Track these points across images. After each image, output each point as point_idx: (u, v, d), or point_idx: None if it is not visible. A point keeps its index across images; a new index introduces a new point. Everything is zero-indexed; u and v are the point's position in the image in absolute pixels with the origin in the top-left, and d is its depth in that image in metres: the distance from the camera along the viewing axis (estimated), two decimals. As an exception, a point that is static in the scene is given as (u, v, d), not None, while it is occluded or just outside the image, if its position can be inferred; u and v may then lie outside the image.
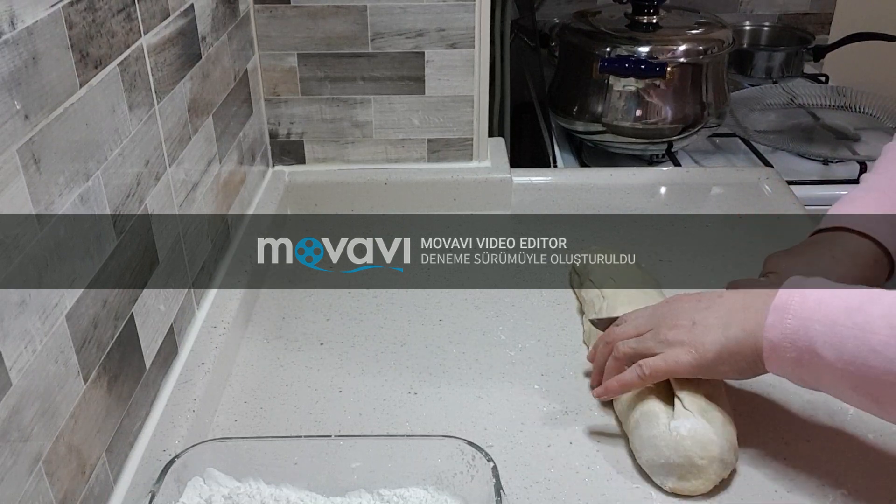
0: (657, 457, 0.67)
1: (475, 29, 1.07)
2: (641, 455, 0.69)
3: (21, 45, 0.50)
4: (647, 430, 0.69)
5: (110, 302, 0.63)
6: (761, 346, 0.64)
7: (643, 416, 0.70)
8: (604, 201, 1.16)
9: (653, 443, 0.68)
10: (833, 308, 0.61)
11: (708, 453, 0.66)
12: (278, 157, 1.15)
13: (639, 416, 0.70)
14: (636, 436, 0.70)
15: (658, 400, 0.70)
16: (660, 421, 0.68)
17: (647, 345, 0.71)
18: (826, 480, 0.69)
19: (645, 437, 0.69)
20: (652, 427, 0.68)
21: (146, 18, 0.69)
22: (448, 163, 1.15)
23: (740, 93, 1.64)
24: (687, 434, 0.66)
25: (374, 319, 0.92)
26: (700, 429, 0.67)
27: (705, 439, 0.66)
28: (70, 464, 0.57)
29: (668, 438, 0.67)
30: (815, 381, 0.64)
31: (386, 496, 0.63)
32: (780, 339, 0.63)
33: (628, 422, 0.72)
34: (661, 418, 0.68)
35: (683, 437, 0.66)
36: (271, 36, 1.07)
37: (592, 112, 1.36)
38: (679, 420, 0.68)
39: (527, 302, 0.95)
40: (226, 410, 0.78)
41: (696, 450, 0.66)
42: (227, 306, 0.86)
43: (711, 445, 0.66)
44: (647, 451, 0.68)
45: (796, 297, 0.63)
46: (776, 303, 0.64)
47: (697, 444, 0.66)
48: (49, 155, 0.54)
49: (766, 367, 0.65)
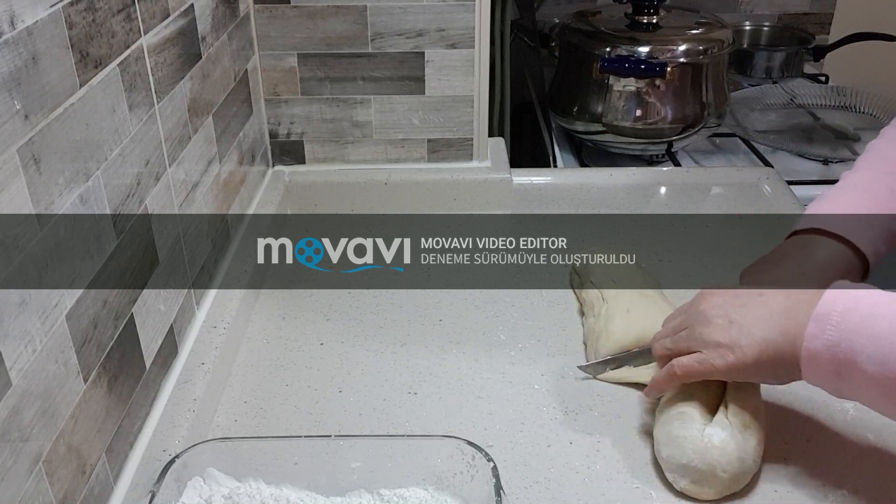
0: (679, 456, 0.67)
1: (475, 29, 1.07)
2: (662, 450, 0.68)
3: (21, 45, 0.50)
4: (679, 430, 0.67)
5: (110, 302, 0.63)
6: (799, 354, 0.62)
7: (678, 416, 0.68)
8: (604, 201, 1.16)
9: (679, 442, 0.67)
10: (877, 320, 0.59)
11: (732, 468, 0.66)
12: (278, 157, 1.15)
13: (675, 414, 0.69)
14: (664, 431, 0.69)
15: (699, 403, 0.69)
16: (694, 423, 0.67)
17: (682, 344, 0.69)
18: (826, 480, 0.69)
19: (673, 434, 0.68)
20: (685, 427, 0.67)
21: (146, 18, 0.69)
22: (448, 163, 1.15)
23: (740, 93, 1.63)
24: (718, 444, 0.66)
25: (374, 319, 0.92)
26: (731, 443, 0.66)
27: (733, 455, 0.65)
28: (70, 464, 0.57)
29: (698, 443, 0.66)
30: (854, 394, 0.62)
31: (386, 496, 0.63)
32: (821, 350, 0.61)
33: (661, 415, 0.71)
34: (696, 421, 0.67)
35: (714, 445, 0.65)
36: (271, 36, 1.07)
37: (592, 112, 1.36)
38: (714, 428, 0.66)
39: (527, 302, 0.95)
40: (226, 410, 0.78)
41: (721, 462, 0.65)
42: (227, 306, 0.86)
43: (737, 462, 0.66)
44: (670, 447, 0.68)
45: (838, 307, 0.61)
46: (818, 311, 0.61)
47: (724, 457, 0.65)
48: (49, 155, 0.54)
49: (803, 376, 0.63)
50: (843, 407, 0.76)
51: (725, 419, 0.67)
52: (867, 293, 0.62)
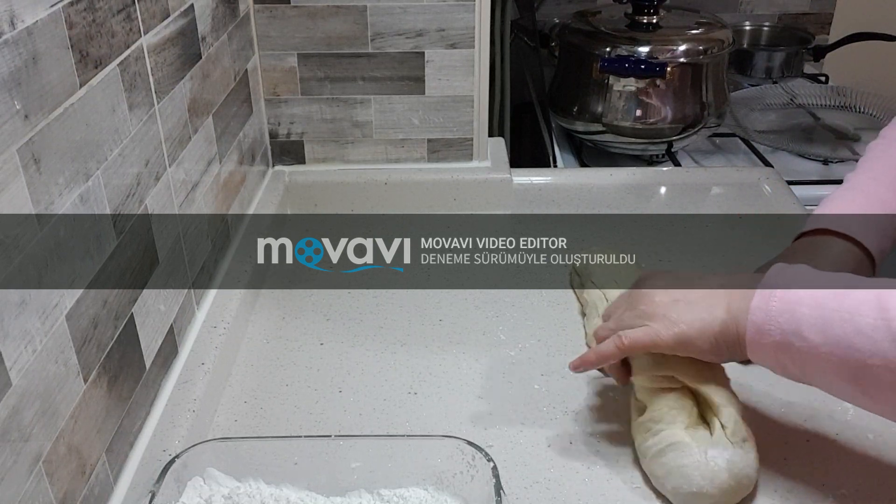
0: (688, 485, 0.65)
1: (475, 29, 1.07)
2: (667, 482, 0.66)
3: (21, 45, 0.50)
4: (680, 459, 0.65)
5: (110, 302, 0.63)
6: (745, 328, 0.62)
7: (671, 447, 0.66)
8: (604, 201, 1.16)
9: (684, 472, 0.65)
10: (820, 291, 0.60)
11: (742, 487, 0.65)
12: (278, 157, 1.15)
13: (666, 446, 0.67)
14: (660, 463, 0.67)
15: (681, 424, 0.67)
16: (692, 449, 0.65)
17: (625, 322, 0.69)
18: (826, 480, 0.69)
19: (676, 464, 0.66)
20: (686, 455, 0.65)
21: (146, 18, 0.69)
22: (448, 163, 1.15)
23: (740, 93, 1.63)
24: (725, 466, 0.64)
25: (374, 319, 0.92)
26: (737, 461, 0.65)
27: (742, 474, 0.65)
28: (70, 464, 0.57)
29: (705, 469, 0.64)
30: (799, 368, 0.62)
31: (386, 496, 0.63)
32: (766, 320, 0.61)
33: (646, 445, 0.69)
34: (693, 446, 0.65)
35: (721, 468, 0.64)
36: (271, 36, 1.07)
37: (592, 112, 1.36)
38: (717, 449, 0.65)
39: (527, 302, 0.95)
40: (226, 410, 0.78)
41: (731, 483, 0.64)
42: (227, 306, 0.86)
43: (747, 480, 0.65)
44: (676, 478, 0.66)
45: (782, 281, 0.62)
46: (763, 285, 0.63)
47: (734, 478, 0.64)
48: (49, 155, 0.54)
49: (748, 352, 0.63)
50: (843, 407, 0.76)
51: (724, 437, 0.66)
52: (806, 267, 0.64)
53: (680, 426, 0.67)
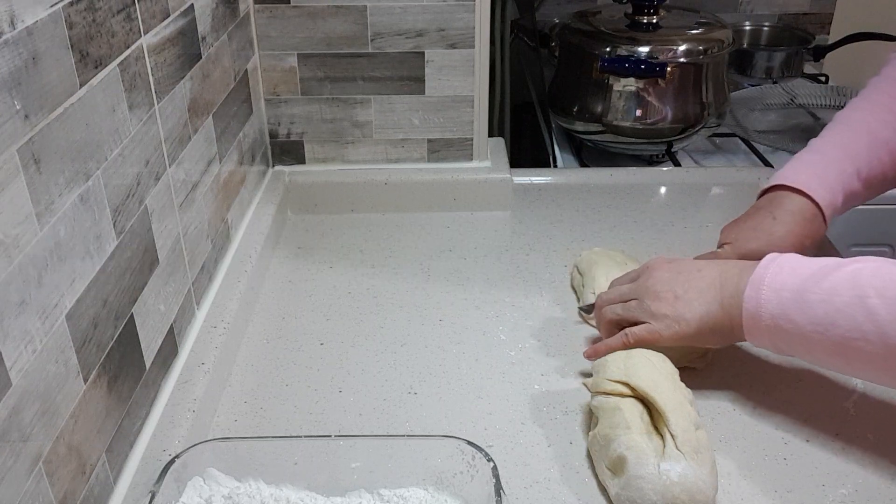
0: (641, 498, 0.63)
1: (475, 29, 1.07)
2: (622, 495, 0.65)
3: (21, 45, 0.50)
4: (634, 469, 0.64)
5: (110, 302, 0.63)
6: (741, 318, 0.71)
7: (630, 450, 0.65)
8: (604, 201, 1.16)
9: (637, 484, 0.64)
10: (803, 277, 0.68)
11: (696, 498, 0.63)
12: (278, 157, 1.15)
13: (624, 449, 0.65)
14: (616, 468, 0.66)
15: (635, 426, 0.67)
16: (649, 460, 0.64)
17: (632, 314, 0.78)
18: (826, 480, 0.69)
19: (631, 475, 0.64)
20: (641, 466, 0.64)
21: (146, 18, 0.69)
22: (448, 163, 1.15)
23: (740, 93, 1.63)
24: (678, 480, 0.63)
25: (374, 319, 0.92)
26: (690, 474, 0.63)
27: (695, 488, 0.63)
28: (70, 464, 0.57)
29: (657, 482, 0.63)
30: (791, 348, 0.70)
31: (386, 496, 0.63)
32: (757, 309, 0.70)
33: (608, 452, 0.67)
34: (650, 457, 0.64)
35: (674, 482, 0.63)
36: (271, 36, 1.07)
37: (592, 112, 1.36)
38: (669, 463, 0.64)
39: (527, 302, 0.95)
40: (226, 410, 0.78)
41: (683, 497, 0.63)
42: (227, 306, 0.86)
43: (700, 495, 0.63)
44: (629, 490, 0.64)
45: (770, 271, 0.70)
46: (753, 277, 0.71)
47: (686, 493, 0.63)
48: (49, 155, 0.54)
49: (747, 337, 0.72)
50: (843, 407, 0.76)
51: (676, 450, 0.64)
52: (793, 256, 0.71)
53: (634, 429, 0.66)
